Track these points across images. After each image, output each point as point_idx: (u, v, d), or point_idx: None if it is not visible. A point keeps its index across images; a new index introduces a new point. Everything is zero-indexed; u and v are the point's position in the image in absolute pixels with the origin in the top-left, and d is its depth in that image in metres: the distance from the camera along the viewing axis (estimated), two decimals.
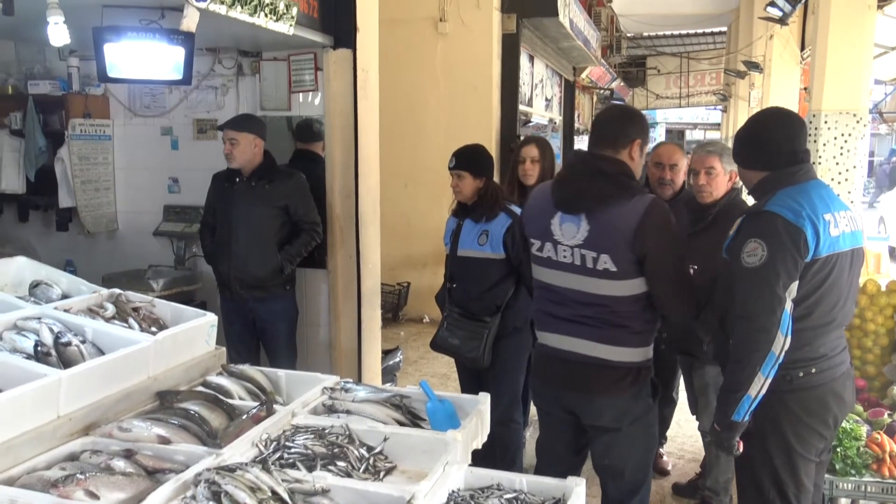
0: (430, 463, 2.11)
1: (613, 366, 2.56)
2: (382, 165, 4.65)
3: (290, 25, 3.59)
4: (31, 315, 2.51)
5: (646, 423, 2.67)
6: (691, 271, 2.84)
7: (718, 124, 24.81)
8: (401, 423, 2.41)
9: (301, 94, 4.64)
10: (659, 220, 2.48)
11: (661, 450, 4.33)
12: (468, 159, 3.50)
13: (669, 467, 4.32)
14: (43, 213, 5.39)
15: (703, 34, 20.31)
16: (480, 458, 2.44)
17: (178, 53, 3.00)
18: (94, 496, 1.76)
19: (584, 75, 12.69)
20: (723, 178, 3.42)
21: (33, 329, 2.42)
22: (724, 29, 18.67)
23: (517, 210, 3.41)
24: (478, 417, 2.45)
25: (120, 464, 1.95)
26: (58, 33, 2.87)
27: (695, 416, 3.87)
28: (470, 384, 3.66)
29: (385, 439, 2.23)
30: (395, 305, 7.77)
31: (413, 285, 7.87)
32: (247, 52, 4.73)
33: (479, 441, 2.48)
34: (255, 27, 3.39)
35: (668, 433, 4.41)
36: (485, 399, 2.56)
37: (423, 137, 7.67)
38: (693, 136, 30.85)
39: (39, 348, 2.32)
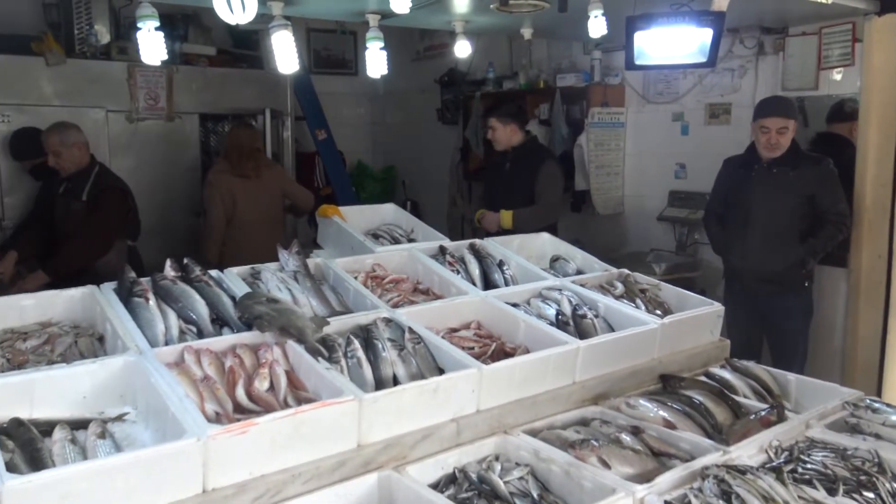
0: None
1: None
2: None
3: None
4: (554, 286, 2.76)
5: None
6: None
7: None
8: None
9: (831, 71, 4.16)
10: None
11: None
12: None
13: None
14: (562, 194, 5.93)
15: None
16: None
17: (705, 35, 2.94)
18: (605, 465, 1.84)
19: None
20: None
21: (555, 299, 2.66)
22: None
23: None
24: None
25: (628, 439, 2.01)
26: (597, 26, 3.07)
27: None
28: None
29: None
30: None
31: None
32: (769, 28, 4.44)
33: None
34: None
35: None
36: None
37: None
38: None
39: (560, 317, 2.54)
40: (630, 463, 1.87)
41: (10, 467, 1.46)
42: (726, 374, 2.54)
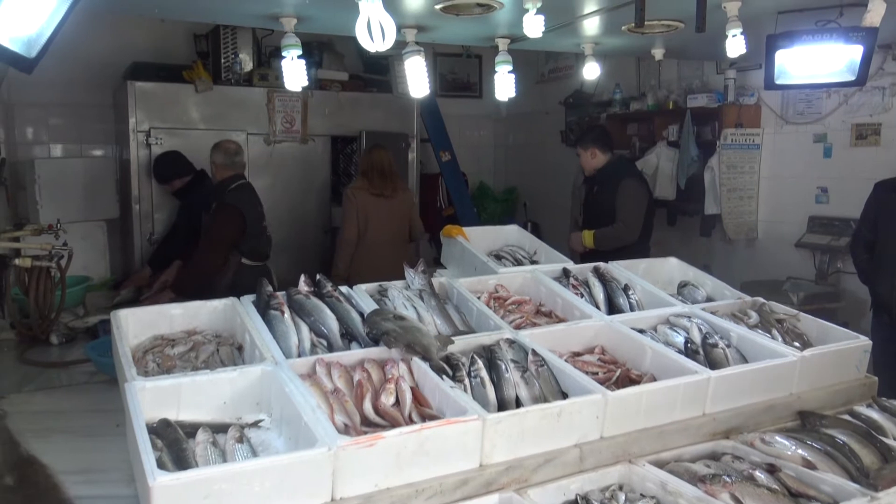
0: None
1: None
2: None
3: None
4: (682, 313, 2.66)
5: None
6: None
7: None
8: None
9: None
10: None
11: None
12: None
13: None
14: (689, 218, 5.74)
15: None
16: None
17: (854, 52, 2.76)
18: (738, 502, 1.75)
19: None
20: None
21: (683, 326, 2.57)
22: None
23: None
24: None
25: (762, 476, 1.90)
26: (735, 45, 2.96)
27: None
28: None
29: None
30: None
31: None
32: None
33: None
34: None
35: None
36: None
37: None
38: None
39: (689, 345, 2.44)
40: (765, 502, 1.76)
41: (159, 464, 1.57)
42: (874, 414, 2.35)
